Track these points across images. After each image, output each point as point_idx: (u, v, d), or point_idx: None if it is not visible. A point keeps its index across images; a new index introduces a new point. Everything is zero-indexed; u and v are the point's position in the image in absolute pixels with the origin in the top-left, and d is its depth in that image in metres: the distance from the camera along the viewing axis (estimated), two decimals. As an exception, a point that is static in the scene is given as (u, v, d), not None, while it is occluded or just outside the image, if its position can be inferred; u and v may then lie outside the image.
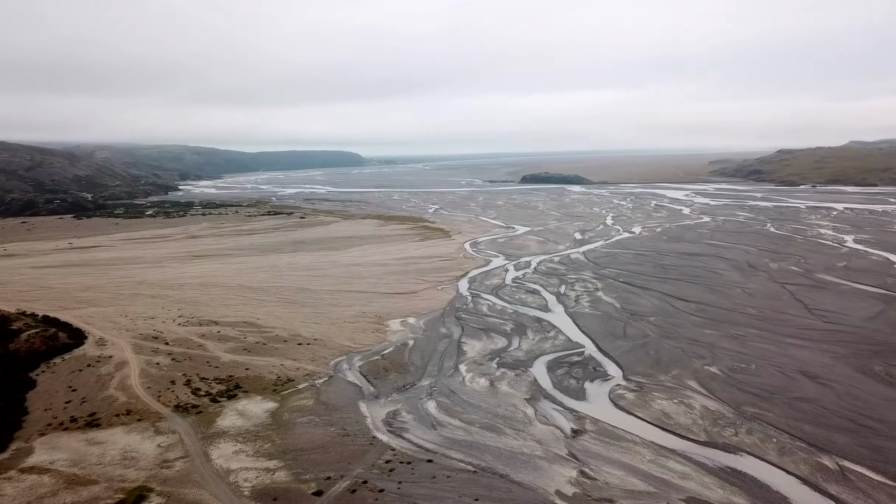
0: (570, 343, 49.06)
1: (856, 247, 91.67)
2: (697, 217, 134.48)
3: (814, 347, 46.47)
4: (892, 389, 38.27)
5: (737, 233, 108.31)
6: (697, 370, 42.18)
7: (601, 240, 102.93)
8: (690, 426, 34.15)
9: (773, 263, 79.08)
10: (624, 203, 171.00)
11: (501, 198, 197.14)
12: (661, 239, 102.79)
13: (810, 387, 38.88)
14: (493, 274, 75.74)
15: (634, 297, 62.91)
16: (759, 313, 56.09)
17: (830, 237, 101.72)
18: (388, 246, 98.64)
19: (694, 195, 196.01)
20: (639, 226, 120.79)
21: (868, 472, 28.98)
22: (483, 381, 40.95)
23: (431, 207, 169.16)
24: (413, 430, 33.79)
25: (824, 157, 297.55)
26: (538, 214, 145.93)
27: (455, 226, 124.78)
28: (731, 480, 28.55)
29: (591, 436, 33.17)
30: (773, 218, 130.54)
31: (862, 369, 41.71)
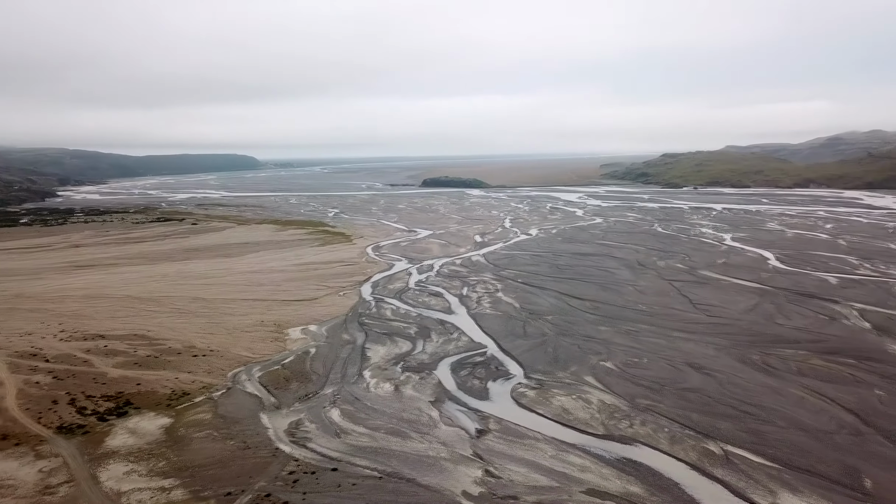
0: (473, 344, 49.74)
1: (734, 244, 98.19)
2: (590, 218, 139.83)
3: (699, 340, 49.34)
4: (769, 377, 41.22)
5: (627, 233, 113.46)
6: (594, 366, 43.82)
7: (500, 242, 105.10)
8: (589, 420, 35.42)
9: (661, 261, 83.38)
10: (521, 206, 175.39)
11: (403, 201, 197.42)
12: (556, 240, 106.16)
13: (696, 377, 41.26)
14: (397, 278, 75.66)
15: (533, 296, 64.60)
16: (649, 309, 58.97)
17: (711, 236, 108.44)
18: (286, 251, 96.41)
19: (587, 197, 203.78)
20: (535, 228, 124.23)
21: (749, 454, 31.06)
22: (388, 385, 40.78)
23: (331, 211, 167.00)
24: (317, 439, 33.16)
25: (704, 161, 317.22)
26: (439, 218, 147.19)
27: (356, 230, 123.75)
28: (627, 471, 29.84)
29: (494, 435, 33.73)
30: (659, 218, 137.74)
31: (741, 359, 44.69)
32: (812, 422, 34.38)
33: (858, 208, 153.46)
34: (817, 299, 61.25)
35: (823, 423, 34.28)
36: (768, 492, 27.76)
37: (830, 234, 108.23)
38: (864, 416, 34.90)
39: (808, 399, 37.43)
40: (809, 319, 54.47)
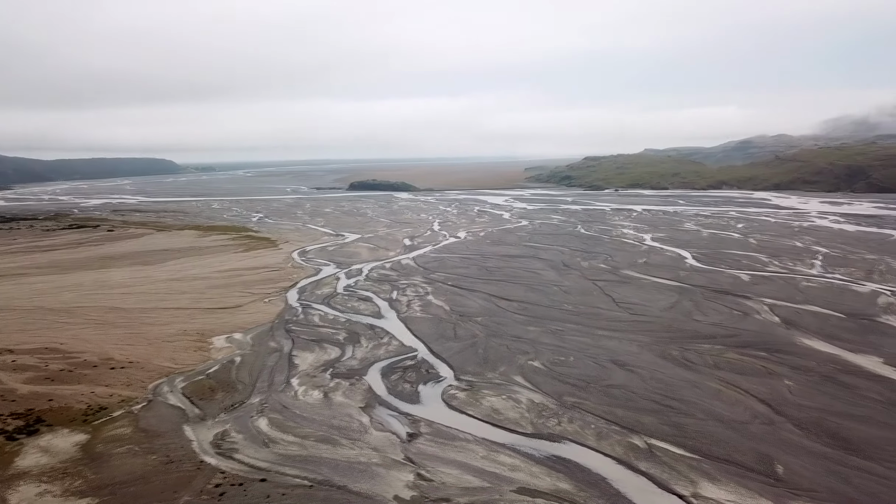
0: (404, 348, 49.65)
1: (653, 244, 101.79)
2: (517, 221, 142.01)
3: (622, 337, 50.86)
4: (688, 371, 42.93)
5: (552, 235, 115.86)
6: (522, 365, 44.50)
7: (429, 245, 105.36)
8: (518, 420, 35.93)
9: (585, 262, 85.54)
10: (450, 209, 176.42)
11: (330, 205, 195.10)
12: (484, 242, 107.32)
13: (620, 374, 42.51)
14: (324, 283, 74.66)
15: (462, 299, 65.06)
16: (575, 308, 60.38)
17: (632, 236, 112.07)
18: (209, 258, 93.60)
19: (513, 200, 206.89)
20: (464, 231, 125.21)
21: (671, 447, 32.24)
22: (317, 393, 40.19)
23: (255, 216, 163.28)
24: (244, 449, 32.32)
25: (624, 164, 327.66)
26: (368, 221, 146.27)
27: (282, 234, 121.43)
28: (556, 468, 30.44)
29: (426, 438, 33.76)
30: (583, 220, 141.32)
31: (662, 355, 46.35)
32: (728, 413, 36.00)
33: (767, 208, 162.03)
34: (731, 296, 64.19)
35: (738, 413, 35.95)
36: (689, 482, 28.89)
37: (742, 233, 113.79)
38: (776, 405, 36.81)
39: (724, 391, 39.17)
40: (724, 315, 57.02)
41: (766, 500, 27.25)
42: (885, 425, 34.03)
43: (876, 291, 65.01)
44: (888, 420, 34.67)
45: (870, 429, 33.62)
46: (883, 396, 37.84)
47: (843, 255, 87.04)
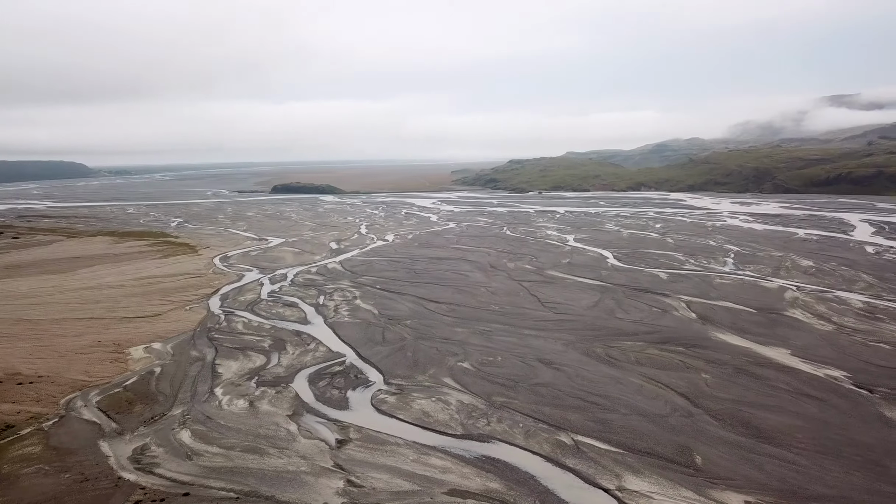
0: (332, 353, 48.98)
1: (576, 245, 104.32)
2: (444, 224, 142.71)
3: (548, 336, 51.84)
4: (611, 368, 44.16)
5: (479, 237, 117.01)
6: (452, 367, 44.69)
7: (357, 248, 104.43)
8: (448, 421, 36.04)
9: (511, 263, 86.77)
10: (377, 212, 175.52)
11: (252, 209, 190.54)
12: (412, 245, 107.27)
13: (547, 372, 43.31)
14: (248, 289, 72.80)
15: (391, 302, 64.78)
16: (502, 309, 61.13)
17: (556, 237, 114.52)
18: (125, 265, 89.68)
19: (440, 203, 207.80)
20: (392, 233, 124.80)
21: (596, 442, 33.07)
22: (242, 402, 39.11)
23: (174, 221, 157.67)
24: (166, 463, 31.09)
25: (547, 167, 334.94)
26: (292, 225, 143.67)
27: (202, 240, 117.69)
28: (486, 468, 30.69)
29: (356, 444, 33.39)
30: (508, 222, 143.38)
31: (586, 352, 47.51)
32: (650, 407, 37.23)
33: (682, 209, 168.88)
34: (651, 293, 66.49)
35: (659, 407, 37.24)
36: (614, 475, 29.70)
37: (660, 233, 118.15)
38: (694, 398, 38.34)
39: (645, 386, 40.50)
40: (644, 312, 58.99)
41: (686, 489, 28.32)
42: (794, 413, 35.99)
43: (783, 287, 68.73)
44: (796, 409, 36.67)
45: (780, 417, 35.48)
46: (791, 386, 40.00)
47: (753, 253, 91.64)
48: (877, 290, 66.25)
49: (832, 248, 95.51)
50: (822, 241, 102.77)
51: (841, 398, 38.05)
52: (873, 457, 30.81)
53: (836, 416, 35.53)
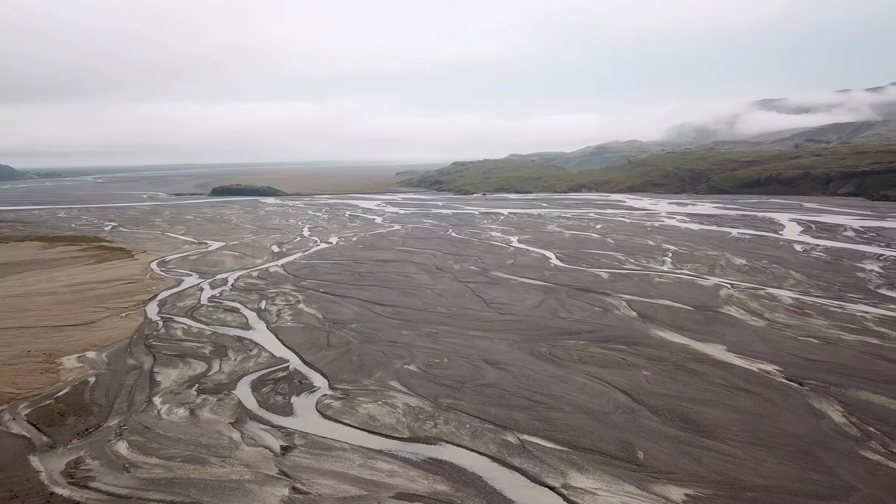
0: (275, 359, 48.14)
1: (520, 246, 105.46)
2: (389, 225, 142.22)
3: (493, 337, 52.22)
4: (555, 367, 44.79)
5: (424, 238, 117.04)
6: (398, 370, 44.52)
7: (299, 252, 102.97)
8: (395, 425, 35.88)
9: (457, 265, 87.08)
10: (320, 214, 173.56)
11: (191, 212, 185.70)
12: (357, 248, 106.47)
13: (493, 372, 43.61)
14: (187, 294, 70.87)
15: (336, 306, 64.12)
16: (448, 311, 61.28)
17: (500, 239, 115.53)
18: (55, 271, 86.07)
19: (385, 205, 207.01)
20: (335, 236, 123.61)
21: (542, 441, 33.47)
22: (182, 411, 38.02)
23: (108, 225, 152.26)
24: (101, 477, 29.95)
25: (491, 169, 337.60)
26: (232, 228, 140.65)
27: (139, 244, 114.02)
28: (433, 470, 30.67)
29: (301, 450, 32.89)
30: (453, 224, 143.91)
31: (531, 352, 48.06)
32: (593, 405, 37.92)
33: (622, 209, 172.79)
34: (593, 293, 67.75)
35: (602, 404, 37.96)
36: (559, 473, 30.12)
37: (601, 233, 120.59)
38: (635, 395, 39.23)
39: (589, 384, 41.22)
40: (587, 312, 60.06)
41: (628, 484, 28.94)
42: (729, 407, 37.22)
43: (718, 285, 71.07)
44: (731, 402, 37.94)
45: (716, 411, 36.64)
46: (726, 381, 41.37)
47: (690, 252, 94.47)
48: (805, 287, 69.20)
49: (763, 246, 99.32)
50: (754, 240, 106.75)
51: (773, 391, 39.56)
52: (803, 447, 32.14)
53: (769, 409, 36.92)
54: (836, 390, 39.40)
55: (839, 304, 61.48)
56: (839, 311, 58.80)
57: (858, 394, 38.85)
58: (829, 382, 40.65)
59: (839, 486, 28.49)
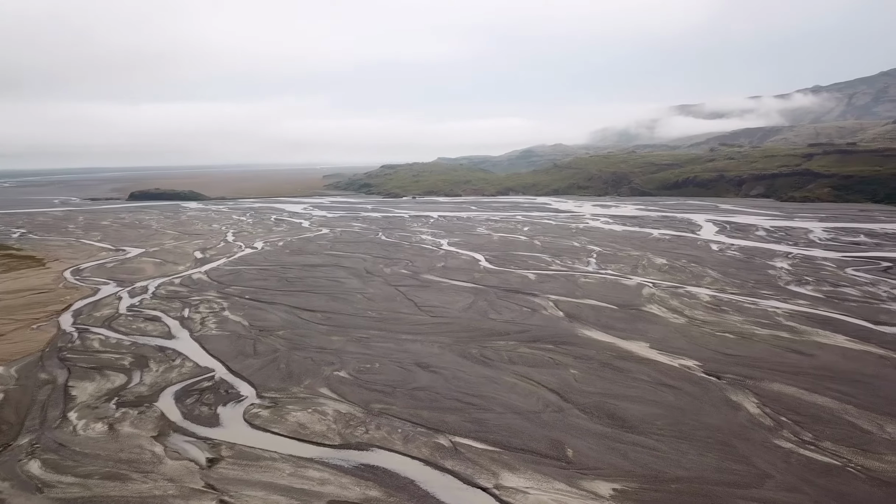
0: (199, 369, 46.62)
1: (450, 249, 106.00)
2: (317, 229, 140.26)
3: (425, 340, 52.25)
4: (486, 368, 45.20)
5: (354, 242, 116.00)
6: (328, 377, 43.92)
7: (224, 257, 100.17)
8: (325, 432, 35.37)
9: (387, 268, 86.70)
10: (244, 218, 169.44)
11: (108, 217, 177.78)
12: (284, 252, 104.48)
13: (424, 376, 43.62)
14: (104, 304, 67.78)
15: (262, 312, 62.70)
16: (379, 315, 60.92)
17: (430, 242, 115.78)
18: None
19: (312, 208, 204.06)
20: (261, 241, 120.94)
21: (474, 442, 33.70)
22: (100, 426, 36.31)
23: (16, 232, 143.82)
24: (12, 499, 28.24)
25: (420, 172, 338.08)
26: (152, 234, 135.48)
27: (50, 252, 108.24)
28: (365, 476, 30.39)
29: (228, 462, 31.97)
30: (383, 227, 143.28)
31: (462, 354, 48.34)
32: (523, 404, 38.47)
33: (549, 212, 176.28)
34: (521, 294, 68.78)
35: (532, 404, 38.56)
36: (491, 474, 30.39)
37: (528, 235, 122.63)
38: (564, 393, 40.04)
39: (519, 384, 41.80)
40: (516, 312, 60.92)
41: (559, 482, 29.49)
42: (653, 402, 38.49)
43: (641, 284, 73.43)
44: (655, 398, 39.24)
45: (641, 407, 37.82)
46: (650, 377, 42.77)
47: (614, 253, 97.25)
48: (721, 285, 72.37)
49: (683, 246, 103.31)
50: (673, 241, 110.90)
51: (694, 385, 41.16)
52: (722, 438, 33.57)
53: (690, 403, 38.39)
54: (751, 383, 41.36)
55: (753, 300, 64.59)
56: (753, 307, 61.78)
57: (771, 385, 40.91)
58: (745, 375, 42.65)
59: (755, 474, 29.91)
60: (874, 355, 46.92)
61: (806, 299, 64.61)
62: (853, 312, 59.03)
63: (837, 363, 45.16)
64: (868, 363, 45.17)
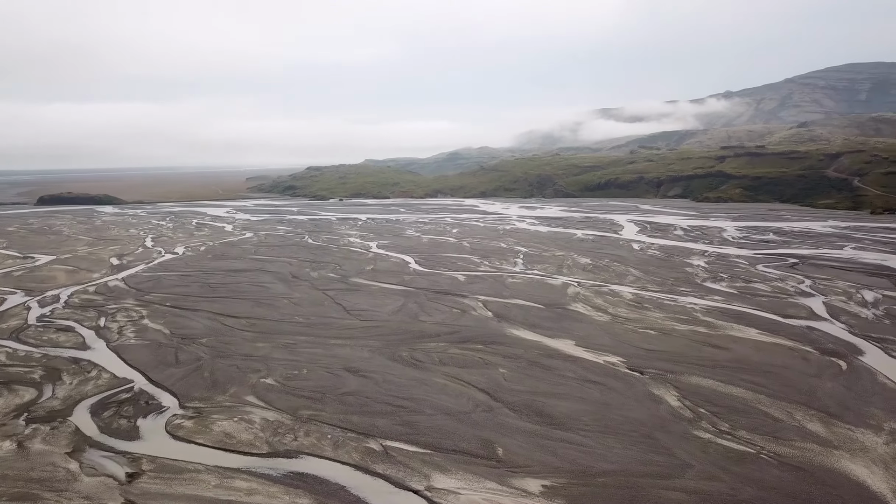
0: (117, 380, 44.61)
1: (379, 251, 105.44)
2: (241, 233, 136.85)
3: (354, 344, 51.75)
4: (416, 370, 45.17)
5: (279, 246, 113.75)
6: (254, 384, 42.87)
7: (142, 263, 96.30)
8: (253, 441, 34.50)
9: (314, 272, 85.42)
10: (164, 223, 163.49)
11: (14, 223, 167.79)
12: (206, 258, 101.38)
13: (354, 381, 43.19)
14: (11, 314, 63.96)
15: (184, 320, 60.62)
16: (306, 320, 59.92)
17: (359, 244, 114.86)
18: None
19: (235, 212, 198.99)
20: (182, 246, 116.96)
21: (405, 445, 33.60)
22: (8, 444, 34.19)
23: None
24: None
25: (347, 174, 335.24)
26: (64, 240, 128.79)
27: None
28: (295, 484, 29.81)
29: (149, 476, 30.71)
30: (309, 230, 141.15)
31: (393, 357, 48.14)
32: (454, 405, 38.64)
33: (476, 214, 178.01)
34: (451, 295, 69.13)
35: (462, 404, 38.78)
36: (423, 476, 30.37)
37: (457, 237, 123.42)
38: (493, 393, 40.46)
39: (449, 385, 41.97)
40: (446, 314, 61.17)
41: (490, 481, 29.76)
42: (580, 399, 39.40)
43: (566, 283, 75.10)
44: (581, 394, 40.18)
45: (568, 403, 38.64)
46: (576, 374, 43.77)
47: (540, 253, 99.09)
48: (642, 283, 74.86)
49: (606, 246, 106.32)
50: (597, 241, 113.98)
51: (618, 381, 42.39)
52: (645, 431, 34.69)
53: (615, 398, 39.50)
54: (671, 377, 42.93)
55: (672, 297, 67.11)
56: (672, 303, 64.19)
57: (690, 379, 42.60)
58: (666, 370, 44.24)
59: (677, 464, 31.04)
60: (784, 347, 49.59)
61: (721, 295, 67.64)
62: (764, 307, 62.21)
63: (750, 356, 47.48)
64: (778, 355, 47.70)
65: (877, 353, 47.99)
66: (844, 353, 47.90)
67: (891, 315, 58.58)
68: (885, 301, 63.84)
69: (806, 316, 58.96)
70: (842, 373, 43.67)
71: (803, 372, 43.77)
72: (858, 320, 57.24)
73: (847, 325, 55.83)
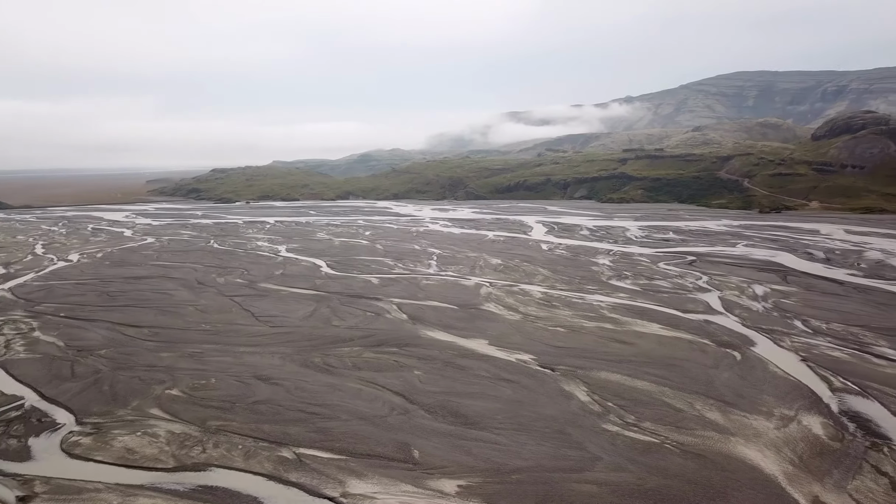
0: (5, 397, 41.57)
1: (289, 255, 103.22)
2: (141, 238, 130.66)
3: (264, 352, 50.42)
4: (330, 376, 44.51)
5: (183, 251, 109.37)
6: (159, 396, 41.01)
7: (32, 272, 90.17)
8: (158, 455, 32.98)
9: (221, 278, 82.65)
10: (56, 229, 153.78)
11: None
12: (103, 265, 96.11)
13: (265, 388, 42.08)
14: None
15: (80, 331, 57.24)
16: (213, 328, 57.89)
17: (267, 248, 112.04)
18: None
19: (135, 216, 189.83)
20: (76, 252, 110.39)
21: (319, 452, 33.03)
22: None
23: None
24: None
25: (254, 176, 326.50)
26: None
27: None
28: (204, 498, 28.73)
29: (43, 499, 28.80)
30: (215, 234, 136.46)
31: (305, 363, 47.24)
32: (369, 409, 38.34)
33: (389, 216, 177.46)
34: (364, 299, 68.57)
35: (377, 408, 38.54)
36: (338, 483, 29.96)
37: (370, 240, 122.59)
38: (409, 395, 40.43)
39: (364, 390, 41.60)
40: (360, 318, 60.62)
41: (405, 484, 29.70)
42: (494, 397, 39.97)
43: (479, 284, 76.05)
44: (495, 393, 40.78)
45: (482, 402, 39.13)
46: (490, 373, 44.39)
47: (453, 255, 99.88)
48: (551, 282, 76.84)
49: (516, 247, 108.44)
50: (507, 242, 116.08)
51: (530, 378, 43.30)
52: (557, 427, 35.60)
53: (527, 395, 40.33)
54: (581, 373, 44.27)
55: (580, 295, 69.24)
56: (580, 301, 66.22)
57: (599, 374, 44.08)
58: (576, 366, 45.58)
59: (587, 458, 32.03)
60: (684, 340, 52.16)
61: (626, 292, 70.38)
62: (665, 303, 65.21)
63: (654, 350, 49.65)
64: (679, 348, 50.12)
65: (767, 344, 51.27)
66: (738, 344, 50.90)
67: (779, 307, 62.75)
68: (773, 294, 68.30)
69: (703, 310, 62.24)
70: (736, 363, 46.37)
71: (702, 363, 46.17)
72: (750, 313, 60.97)
73: (740, 317, 59.33)
